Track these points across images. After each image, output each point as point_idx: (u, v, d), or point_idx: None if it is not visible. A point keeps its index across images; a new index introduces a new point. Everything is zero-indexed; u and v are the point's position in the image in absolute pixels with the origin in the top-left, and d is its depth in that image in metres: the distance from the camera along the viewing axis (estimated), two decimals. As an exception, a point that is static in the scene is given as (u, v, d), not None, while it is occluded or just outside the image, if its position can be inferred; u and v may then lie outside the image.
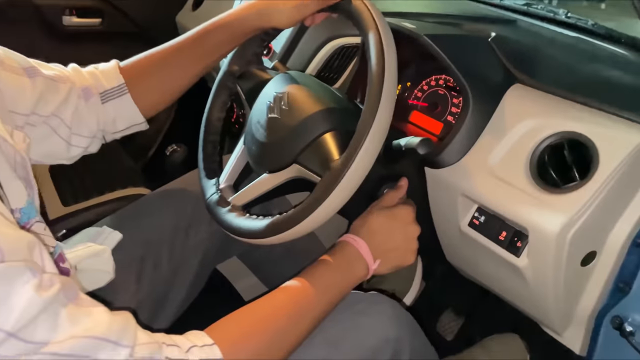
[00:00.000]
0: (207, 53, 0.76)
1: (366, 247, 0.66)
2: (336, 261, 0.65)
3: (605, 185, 0.62)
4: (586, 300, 0.72)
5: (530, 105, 0.72)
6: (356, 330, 0.63)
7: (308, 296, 0.59)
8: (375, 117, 0.57)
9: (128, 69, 0.75)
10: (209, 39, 0.75)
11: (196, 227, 0.83)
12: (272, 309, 0.58)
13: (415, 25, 0.79)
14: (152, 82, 0.75)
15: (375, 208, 0.71)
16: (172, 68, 0.75)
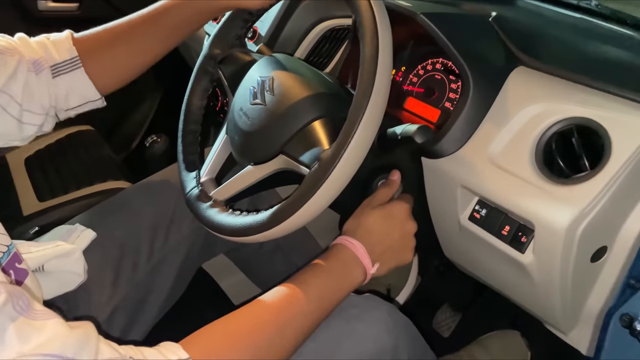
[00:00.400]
0: (170, 31, 0.71)
1: (363, 249, 0.61)
2: (331, 266, 0.60)
3: (618, 176, 0.57)
4: (595, 298, 0.67)
5: (535, 89, 0.66)
6: (351, 338, 0.58)
7: (298, 305, 0.54)
8: (369, 103, 0.52)
9: (83, 40, 0.69)
10: (173, 16, 0.70)
11: (178, 224, 0.77)
12: (257, 321, 0.52)
13: (411, 4, 0.73)
14: (109, 57, 0.69)
15: (368, 206, 0.65)
16: (131, 44, 0.70)
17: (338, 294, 0.59)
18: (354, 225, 0.64)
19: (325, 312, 0.57)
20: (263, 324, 0.52)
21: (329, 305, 0.58)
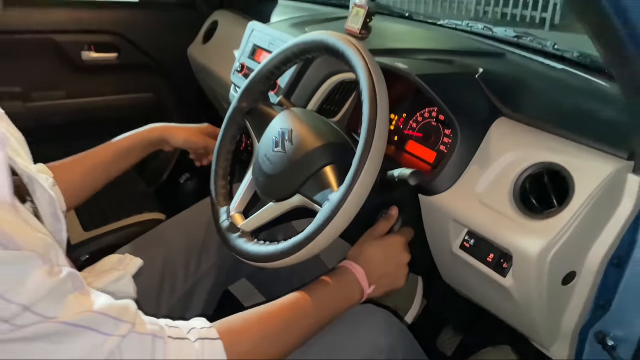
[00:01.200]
0: (115, 163, 0.93)
1: (363, 273, 0.73)
2: (335, 283, 0.71)
3: (582, 211, 0.68)
4: (570, 317, 0.77)
5: (514, 138, 0.78)
6: (351, 339, 0.70)
7: (305, 309, 0.66)
8: (369, 156, 0.64)
9: (55, 169, 0.84)
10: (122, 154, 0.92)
11: (208, 252, 0.90)
12: (271, 311, 0.64)
13: (407, 65, 0.87)
14: (74, 183, 0.86)
15: (370, 237, 0.77)
16: (90, 174, 0.89)
17: (338, 307, 0.71)
18: (357, 252, 0.76)
19: (326, 320, 0.69)
20: (274, 317, 0.64)
21: (329, 315, 0.70)
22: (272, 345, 0.62)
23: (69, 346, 0.46)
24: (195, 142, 1.01)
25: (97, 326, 0.47)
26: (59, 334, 0.45)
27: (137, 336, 0.50)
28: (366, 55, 0.72)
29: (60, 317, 0.45)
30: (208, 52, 1.52)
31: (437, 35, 1.27)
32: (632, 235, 0.71)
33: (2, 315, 0.42)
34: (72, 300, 0.47)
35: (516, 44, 1.16)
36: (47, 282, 0.45)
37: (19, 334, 0.43)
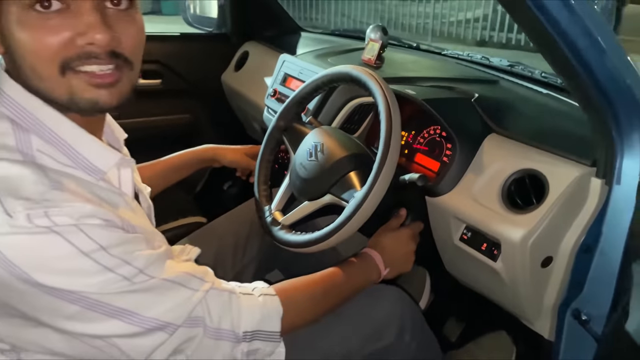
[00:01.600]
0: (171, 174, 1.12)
1: (380, 258, 0.92)
2: (359, 264, 0.90)
3: (554, 207, 0.86)
4: (549, 296, 0.94)
5: (502, 150, 0.97)
6: (369, 307, 0.88)
7: (338, 280, 0.85)
8: (385, 164, 0.83)
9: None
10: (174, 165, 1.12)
11: (251, 244, 1.09)
12: (314, 279, 0.83)
13: (415, 91, 1.06)
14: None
15: (384, 230, 0.96)
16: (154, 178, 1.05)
17: (361, 283, 0.89)
18: (374, 242, 0.95)
19: (351, 292, 0.87)
20: (316, 283, 0.82)
21: (354, 288, 0.88)
22: (313, 306, 0.80)
23: (168, 297, 0.63)
24: (240, 163, 1.19)
25: (186, 283, 0.65)
26: (162, 287, 0.63)
27: (217, 292, 0.68)
28: (382, 84, 0.91)
29: (162, 275, 0.63)
30: (240, 79, 1.73)
31: (440, 64, 1.47)
32: (597, 227, 0.88)
33: (125, 274, 0.59)
34: (169, 264, 0.65)
35: (509, 71, 1.36)
36: (153, 253, 0.63)
37: (135, 287, 0.60)
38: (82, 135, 0.62)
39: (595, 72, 0.74)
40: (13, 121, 0.59)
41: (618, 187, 0.86)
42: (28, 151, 0.58)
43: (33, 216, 0.53)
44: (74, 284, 0.56)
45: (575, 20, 0.70)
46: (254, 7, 1.79)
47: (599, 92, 0.77)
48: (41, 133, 0.60)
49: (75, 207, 0.56)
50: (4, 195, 0.53)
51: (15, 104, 0.59)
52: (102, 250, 0.57)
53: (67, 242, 0.55)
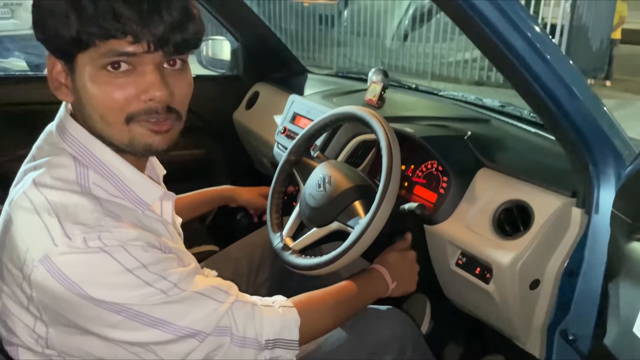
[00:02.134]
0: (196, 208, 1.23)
1: (387, 272, 1.01)
2: (367, 277, 0.99)
3: (539, 234, 0.96)
4: (539, 317, 1.03)
5: (492, 183, 1.07)
6: (374, 326, 0.96)
7: (349, 293, 0.93)
8: (387, 193, 0.93)
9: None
10: (200, 201, 1.23)
11: (263, 268, 1.18)
12: (328, 292, 0.92)
13: (414, 129, 1.17)
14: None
15: (391, 250, 1.05)
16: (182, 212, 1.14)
17: (370, 295, 0.98)
18: (380, 259, 1.04)
19: (362, 304, 0.96)
20: (330, 296, 0.91)
21: (364, 300, 0.96)
22: (328, 316, 0.89)
23: (198, 307, 0.72)
24: (254, 203, 1.31)
25: (214, 295, 0.74)
26: (193, 299, 0.72)
27: (241, 303, 0.77)
28: (384, 122, 1.02)
29: (193, 289, 0.72)
30: (250, 117, 1.85)
31: (437, 104, 1.59)
32: (579, 253, 0.97)
33: (162, 288, 0.68)
34: (198, 279, 0.74)
35: (500, 111, 1.48)
36: (185, 270, 0.72)
37: (170, 299, 0.69)
38: (132, 173, 0.73)
39: (571, 115, 0.85)
40: (75, 158, 0.70)
41: (597, 215, 0.95)
42: (85, 183, 0.69)
43: (88, 239, 0.63)
44: (119, 296, 0.65)
45: (551, 71, 0.81)
46: (264, 51, 1.93)
47: (575, 132, 0.87)
48: (98, 169, 0.70)
49: (122, 232, 0.66)
50: (65, 220, 0.64)
51: (78, 143, 0.70)
52: (143, 267, 0.66)
53: (115, 260, 0.65)
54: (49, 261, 0.62)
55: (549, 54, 0.80)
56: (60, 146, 0.71)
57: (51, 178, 0.67)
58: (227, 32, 1.92)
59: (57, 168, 0.68)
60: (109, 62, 0.65)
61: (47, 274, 0.62)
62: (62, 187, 0.66)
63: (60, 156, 0.69)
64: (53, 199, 0.65)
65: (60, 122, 0.73)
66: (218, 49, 2.11)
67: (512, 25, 0.78)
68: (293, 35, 8.55)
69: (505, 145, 1.21)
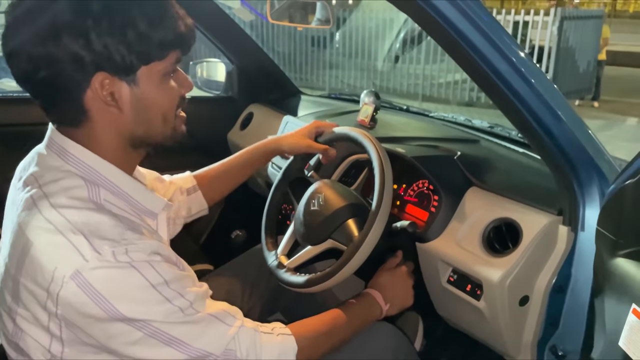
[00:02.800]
0: (245, 168, 1.20)
1: (380, 295, 1.02)
2: (360, 303, 1.01)
3: (527, 251, 0.98)
4: (528, 332, 1.05)
5: (482, 201, 1.10)
6: (367, 342, 0.98)
7: (342, 319, 0.95)
8: (378, 214, 0.96)
9: (198, 176, 1.16)
10: (246, 160, 1.19)
11: (258, 286, 1.19)
12: (323, 320, 0.94)
13: (405, 149, 1.21)
14: (214, 185, 1.16)
15: (381, 270, 1.07)
16: (224, 176, 1.18)
17: (365, 319, 0.99)
18: (373, 283, 1.06)
19: (357, 328, 0.97)
20: (325, 322, 0.93)
21: (359, 325, 0.98)
22: (323, 342, 0.91)
23: (211, 329, 0.74)
24: (299, 146, 1.17)
25: (224, 319, 0.77)
26: (206, 320, 0.74)
27: (246, 329, 0.79)
28: (376, 143, 1.05)
29: (207, 311, 0.75)
30: (245, 137, 1.88)
31: (428, 125, 1.63)
32: (567, 269, 1.00)
33: (180, 305, 0.71)
34: (210, 302, 0.77)
35: (489, 132, 1.52)
36: (200, 290, 0.76)
37: (186, 319, 0.71)
38: (136, 186, 0.78)
39: (555, 137, 0.89)
40: (83, 178, 0.72)
41: (582, 233, 0.98)
42: (98, 200, 0.72)
43: (117, 253, 0.66)
44: (142, 312, 0.68)
45: (536, 95, 0.85)
46: (258, 73, 1.97)
47: (560, 153, 0.91)
48: (106, 186, 0.74)
49: (146, 244, 0.69)
50: (91, 237, 0.66)
51: (83, 164, 0.73)
52: (165, 284, 0.69)
53: (142, 276, 0.67)
54: (81, 276, 0.64)
55: (533, 78, 0.84)
56: (64, 169, 0.73)
57: (66, 198, 0.69)
58: (222, 55, 1.96)
59: (70, 189, 0.70)
60: (174, 70, 0.75)
61: (77, 289, 0.64)
62: (79, 206, 0.69)
63: (68, 179, 0.72)
64: (74, 219, 0.67)
65: (56, 144, 0.75)
66: (213, 70, 2.15)
67: (497, 51, 0.82)
68: (286, 57, 8.67)
69: (494, 165, 1.24)
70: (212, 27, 1.79)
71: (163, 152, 1.87)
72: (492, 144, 1.40)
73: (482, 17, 0.80)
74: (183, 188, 1.12)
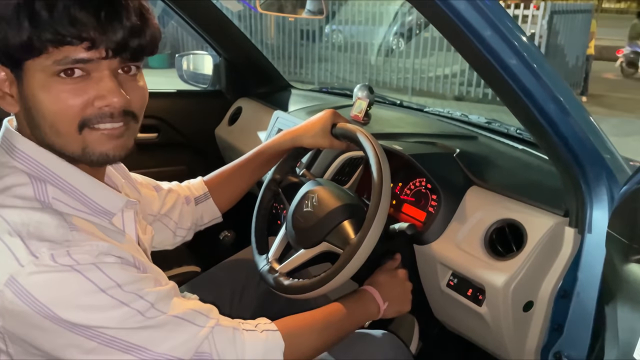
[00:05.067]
0: (259, 168, 1.12)
1: (377, 293, 0.97)
2: (357, 299, 0.95)
3: (532, 254, 0.93)
4: (532, 339, 1.00)
5: (483, 202, 1.05)
6: (362, 350, 0.93)
7: (338, 315, 0.90)
8: (376, 214, 0.90)
9: (209, 181, 1.09)
10: (260, 159, 1.11)
11: (247, 291, 1.12)
12: (315, 314, 0.88)
13: (402, 146, 1.15)
14: (226, 189, 1.09)
15: (380, 270, 1.02)
16: (237, 179, 1.10)
17: (361, 317, 0.94)
18: (371, 280, 1.00)
19: (352, 327, 0.92)
20: (317, 319, 0.87)
21: (354, 322, 0.92)
22: (315, 339, 0.85)
23: (177, 333, 0.68)
24: (321, 144, 1.08)
25: (193, 319, 0.70)
26: (171, 323, 0.67)
27: (222, 328, 0.73)
28: (372, 140, 0.99)
29: (171, 312, 0.68)
30: (233, 133, 1.81)
31: (423, 120, 1.58)
32: (573, 273, 0.95)
33: (138, 308, 0.64)
34: (176, 302, 0.70)
35: (486, 127, 1.47)
36: (162, 290, 0.69)
37: (147, 322, 0.65)
38: (91, 182, 0.70)
39: (562, 132, 0.84)
40: (29, 175, 0.65)
41: (590, 235, 0.94)
42: (45, 199, 0.65)
43: (57, 255, 0.59)
44: (93, 319, 0.61)
45: (543, 86, 0.79)
46: (247, 66, 1.90)
47: (566, 149, 0.86)
48: (55, 183, 0.66)
49: (93, 245, 0.62)
50: (28, 238, 0.60)
51: (29, 159, 0.66)
52: (117, 287, 0.63)
53: (87, 280, 0.61)
54: (16, 283, 0.58)
55: (542, 72, 0.79)
56: (10, 165, 0.66)
57: (7, 198, 0.63)
58: (209, 47, 1.89)
59: (12, 187, 0.64)
60: (62, 69, 0.62)
61: (14, 297, 0.58)
62: (21, 205, 0.62)
63: (12, 175, 0.65)
64: (12, 219, 0.61)
65: (4, 139, 0.68)
66: (200, 63, 2.07)
67: (505, 41, 0.76)
68: (275, 49, 8.58)
69: (494, 163, 1.19)
70: (198, 17, 1.72)
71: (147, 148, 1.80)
72: (491, 140, 1.35)
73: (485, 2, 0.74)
74: (190, 197, 1.06)
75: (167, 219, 1.00)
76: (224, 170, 1.11)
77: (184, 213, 1.03)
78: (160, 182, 1.02)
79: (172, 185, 1.05)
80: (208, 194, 1.07)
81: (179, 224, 1.03)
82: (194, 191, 1.07)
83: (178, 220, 1.02)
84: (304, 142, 1.09)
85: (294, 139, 1.10)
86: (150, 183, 0.98)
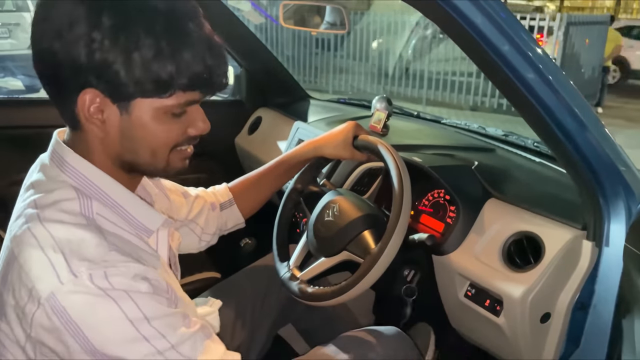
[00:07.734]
0: (281, 176, 1.15)
1: None
2: None
3: (550, 266, 0.95)
4: (549, 350, 1.01)
5: (501, 213, 1.07)
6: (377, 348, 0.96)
7: None
8: (397, 224, 0.92)
9: (233, 188, 1.12)
10: (282, 167, 1.14)
11: (269, 297, 1.15)
12: None
13: (421, 158, 1.17)
14: (249, 196, 1.12)
15: None
16: (260, 187, 1.13)
17: None
18: None
19: None
20: None
21: None
22: None
23: None
24: (342, 156, 1.11)
25: None
26: None
27: None
28: (393, 151, 1.02)
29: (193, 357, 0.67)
30: (253, 142, 1.85)
31: (440, 132, 1.60)
32: (590, 286, 0.97)
33: (158, 347, 0.64)
34: (203, 346, 0.69)
35: (504, 140, 1.48)
36: (187, 332, 0.68)
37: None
38: (133, 200, 0.73)
39: (581, 147, 0.85)
40: (77, 189, 0.68)
41: (607, 249, 0.95)
42: (90, 214, 0.67)
43: (94, 276, 0.61)
44: (116, 349, 0.63)
45: (560, 100, 0.81)
46: (267, 76, 1.94)
47: (585, 165, 0.87)
48: (100, 198, 0.69)
49: (129, 267, 0.64)
50: (70, 256, 0.62)
51: (78, 174, 0.69)
52: (145, 319, 0.64)
53: (119, 308, 0.62)
54: (55, 300, 0.60)
55: (560, 87, 0.81)
56: (60, 179, 0.69)
57: (55, 212, 0.65)
58: (231, 58, 1.93)
59: (60, 202, 0.66)
60: (180, 111, 0.68)
61: (51, 312, 0.61)
62: (67, 220, 0.65)
63: (62, 189, 0.68)
64: (58, 235, 0.63)
65: (55, 153, 0.71)
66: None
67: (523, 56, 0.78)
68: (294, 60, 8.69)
69: (513, 176, 1.21)
70: (221, 29, 1.76)
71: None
72: (508, 153, 1.37)
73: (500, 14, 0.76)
74: (215, 203, 1.09)
75: (194, 225, 1.04)
76: (247, 177, 1.15)
77: (209, 219, 1.06)
78: (188, 188, 1.06)
79: (199, 192, 1.08)
80: (232, 201, 1.11)
81: (205, 229, 1.06)
82: (220, 197, 1.10)
83: (204, 225, 1.05)
84: (326, 152, 1.12)
85: (316, 149, 1.13)
86: (178, 189, 1.02)
